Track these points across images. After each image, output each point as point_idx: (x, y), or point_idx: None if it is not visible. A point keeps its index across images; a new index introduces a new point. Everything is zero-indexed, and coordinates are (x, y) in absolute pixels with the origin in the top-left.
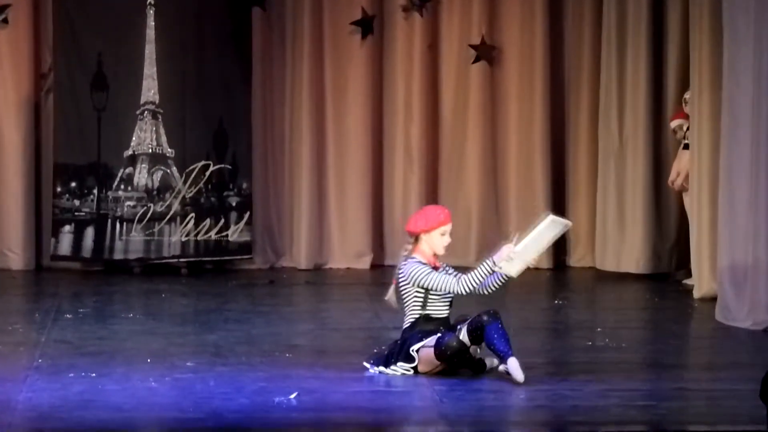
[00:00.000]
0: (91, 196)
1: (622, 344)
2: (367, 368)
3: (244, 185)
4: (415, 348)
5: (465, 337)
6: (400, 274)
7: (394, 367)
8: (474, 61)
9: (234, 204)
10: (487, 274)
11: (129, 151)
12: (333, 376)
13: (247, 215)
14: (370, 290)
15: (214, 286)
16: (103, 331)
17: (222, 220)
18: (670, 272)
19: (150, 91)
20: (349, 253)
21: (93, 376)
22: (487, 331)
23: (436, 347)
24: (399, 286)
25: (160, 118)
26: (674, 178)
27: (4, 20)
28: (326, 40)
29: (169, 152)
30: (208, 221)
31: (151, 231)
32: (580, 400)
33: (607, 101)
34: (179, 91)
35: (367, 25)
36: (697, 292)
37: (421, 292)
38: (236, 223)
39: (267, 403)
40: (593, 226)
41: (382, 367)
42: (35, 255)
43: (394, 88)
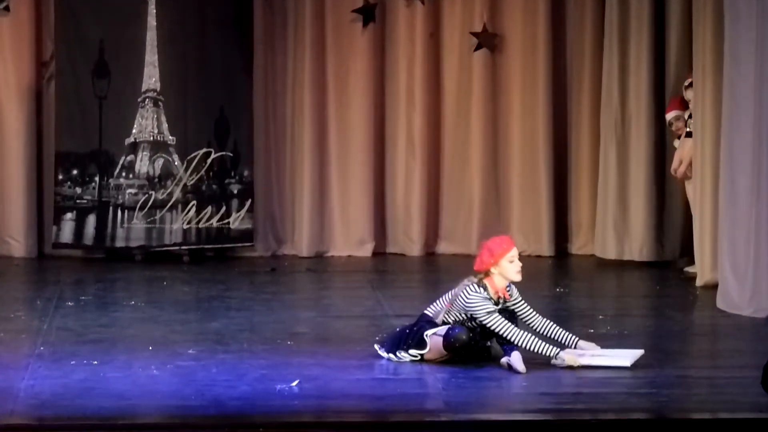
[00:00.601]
0: (93, 184)
1: (623, 332)
2: (377, 351)
3: (246, 173)
4: (429, 333)
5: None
6: (464, 303)
7: (403, 354)
8: (476, 49)
9: (235, 191)
10: (541, 352)
11: (130, 139)
12: (335, 364)
13: (248, 203)
14: (372, 278)
15: (215, 274)
16: (105, 318)
17: (223, 208)
18: (673, 260)
19: (151, 78)
20: (350, 240)
21: (95, 363)
22: None
23: (446, 338)
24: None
25: (162, 105)
26: (677, 166)
27: (6, 8)
28: (328, 27)
29: (171, 140)
30: (209, 209)
31: (152, 218)
32: (582, 388)
33: (609, 88)
34: (181, 78)
35: (369, 13)
36: (699, 280)
37: (465, 318)
38: (238, 211)
39: (269, 391)
40: (595, 214)
41: (391, 354)
42: (37, 242)
43: (396, 75)
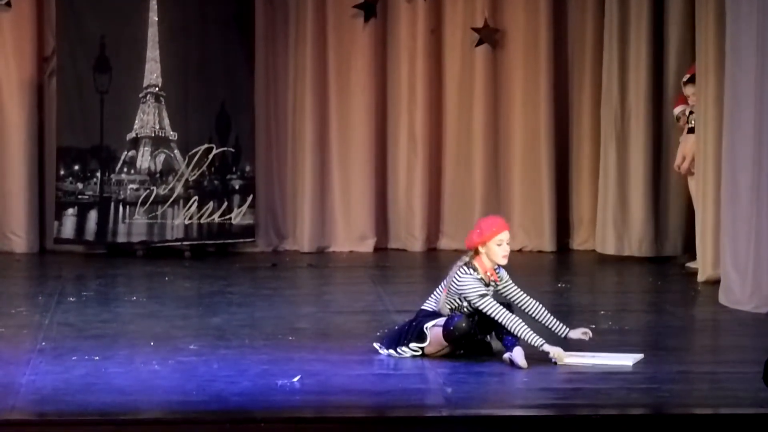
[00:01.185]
0: (94, 179)
1: (624, 327)
2: (377, 349)
3: (247, 168)
4: (428, 326)
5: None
6: (456, 285)
7: (405, 348)
8: (477, 45)
9: (237, 187)
10: (528, 340)
11: (132, 134)
12: (336, 359)
13: (250, 198)
14: (373, 273)
15: (217, 269)
16: (107, 314)
17: (225, 203)
18: (675, 255)
19: (153, 74)
20: (352, 236)
21: (96, 359)
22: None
23: (445, 327)
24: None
25: (163, 101)
26: (680, 162)
27: (8, 3)
28: (329, 23)
29: (172, 135)
30: (211, 204)
31: (154, 214)
32: (583, 383)
33: (609, 84)
34: (182, 73)
35: (370, 9)
36: (701, 276)
37: (462, 304)
38: (239, 206)
39: (270, 386)
40: (596, 209)
41: (392, 350)
42: (38, 238)
43: (398, 71)
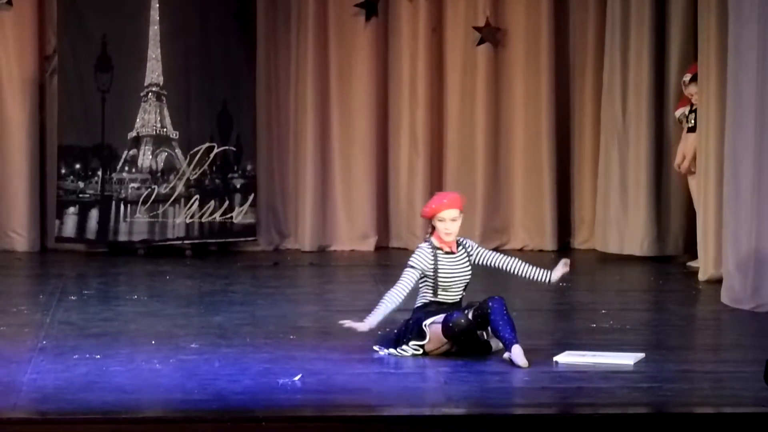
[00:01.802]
0: (96, 178)
1: (626, 326)
2: (376, 351)
3: (249, 167)
4: (428, 323)
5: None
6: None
7: (405, 347)
8: (479, 43)
9: (238, 186)
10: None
11: (133, 133)
12: (337, 358)
13: (251, 197)
14: (375, 272)
15: (218, 268)
16: (108, 312)
17: (226, 202)
18: (676, 254)
19: (154, 72)
20: (353, 235)
21: (97, 357)
22: (492, 318)
23: (444, 323)
24: None
25: (164, 99)
26: (680, 161)
27: (9, 2)
28: (331, 21)
29: (174, 134)
30: (212, 203)
31: (155, 213)
32: (584, 382)
33: (611, 83)
34: (183, 72)
35: (372, 7)
36: (702, 275)
37: (432, 279)
38: (241, 205)
39: (271, 385)
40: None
41: (391, 349)
42: (40, 237)
43: (399, 70)
